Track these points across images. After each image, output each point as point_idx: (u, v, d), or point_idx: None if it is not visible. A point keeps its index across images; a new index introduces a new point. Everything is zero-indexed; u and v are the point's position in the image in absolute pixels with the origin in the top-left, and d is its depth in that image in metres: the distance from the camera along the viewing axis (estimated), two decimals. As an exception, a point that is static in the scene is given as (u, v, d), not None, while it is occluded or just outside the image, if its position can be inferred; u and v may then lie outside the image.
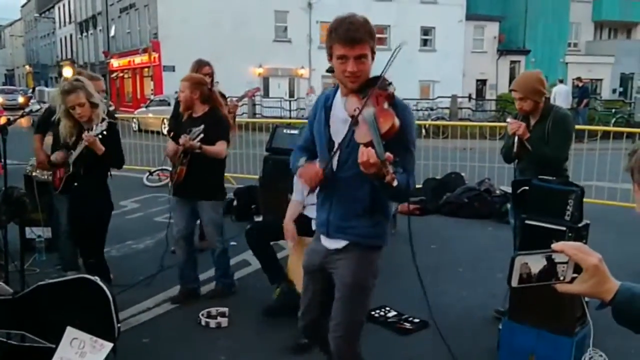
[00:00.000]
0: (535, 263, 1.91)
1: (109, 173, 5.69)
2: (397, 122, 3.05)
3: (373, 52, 3.26)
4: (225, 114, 6.24)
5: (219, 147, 5.88)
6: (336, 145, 3.33)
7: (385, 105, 3.16)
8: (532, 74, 5.36)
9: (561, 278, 1.92)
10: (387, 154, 2.88)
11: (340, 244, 3.48)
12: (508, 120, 5.44)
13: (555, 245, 1.89)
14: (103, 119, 5.28)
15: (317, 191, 3.53)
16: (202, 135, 5.69)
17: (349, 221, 3.42)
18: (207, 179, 5.91)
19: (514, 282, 1.93)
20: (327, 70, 6.87)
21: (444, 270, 7.29)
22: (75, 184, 5.46)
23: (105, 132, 5.16)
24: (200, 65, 7.30)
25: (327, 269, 3.57)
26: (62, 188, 5.62)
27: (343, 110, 3.31)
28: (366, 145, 2.95)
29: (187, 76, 6.11)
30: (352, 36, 3.14)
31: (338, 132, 3.36)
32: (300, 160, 3.53)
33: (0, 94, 48.38)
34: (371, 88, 3.19)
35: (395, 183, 2.87)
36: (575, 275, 1.92)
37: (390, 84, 3.26)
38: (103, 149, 5.18)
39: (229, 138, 6.09)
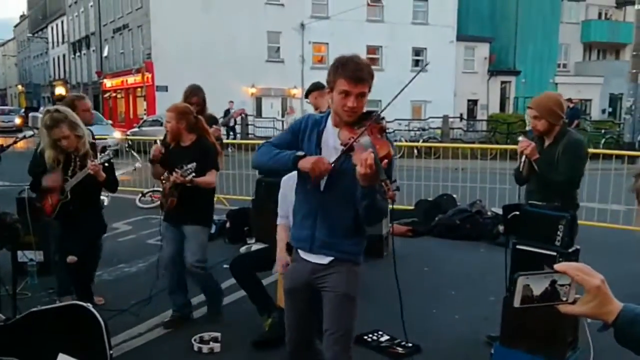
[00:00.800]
0: (538, 284, 1.90)
1: (106, 195, 5.76)
2: (392, 150, 3.24)
3: (369, 90, 3.48)
4: (213, 142, 6.24)
5: (210, 178, 5.93)
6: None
7: (379, 136, 3.32)
8: (553, 95, 5.31)
9: (563, 299, 1.93)
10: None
11: (324, 259, 3.66)
12: (519, 139, 5.35)
13: (557, 266, 1.90)
14: (104, 147, 5.33)
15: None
16: (194, 174, 5.64)
17: (335, 238, 3.61)
18: (197, 204, 5.91)
19: (517, 303, 1.92)
20: (306, 95, 6.95)
21: (436, 293, 7.30)
22: (71, 207, 5.48)
23: (107, 165, 5.28)
24: (190, 93, 7.36)
25: (315, 285, 3.72)
26: (56, 214, 5.61)
27: (335, 139, 3.46)
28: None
29: (172, 106, 6.08)
30: (358, 76, 3.38)
31: (329, 157, 3.48)
32: (286, 153, 3.58)
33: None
34: (366, 120, 3.38)
35: (394, 198, 3.07)
36: (578, 296, 1.93)
37: (382, 118, 3.43)
38: (104, 176, 5.27)
39: (218, 166, 6.15)
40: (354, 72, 3.38)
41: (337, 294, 3.64)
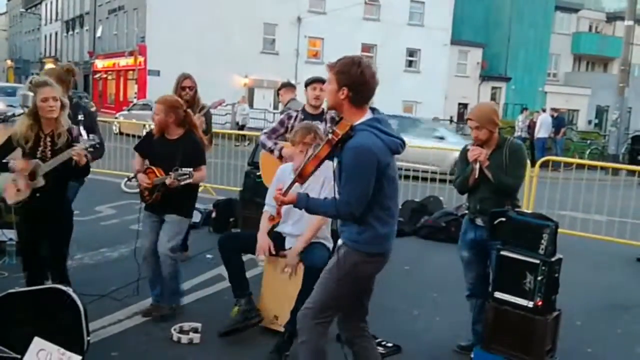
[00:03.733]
0: None
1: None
2: (308, 166, 3.84)
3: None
4: (200, 136, 6.15)
5: (201, 174, 5.90)
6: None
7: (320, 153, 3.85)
8: (487, 104, 5.66)
9: None
10: (285, 198, 3.95)
11: (340, 241, 4.10)
12: (468, 147, 5.42)
13: None
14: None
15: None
16: (190, 180, 5.56)
17: (342, 226, 4.05)
18: (180, 196, 5.80)
19: None
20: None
21: (418, 294, 7.29)
22: (37, 194, 5.11)
23: (92, 149, 5.05)
24: (183, 77, 7.34)
25: None
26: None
27: None
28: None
29: (162, 99, 5.94)
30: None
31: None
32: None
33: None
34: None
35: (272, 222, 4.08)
36: None
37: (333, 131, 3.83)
38: (85, 162, 5.01)
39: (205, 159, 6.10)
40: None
41: (326, 268, 4.12)
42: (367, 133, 3.77)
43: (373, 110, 3.95)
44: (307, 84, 6.88)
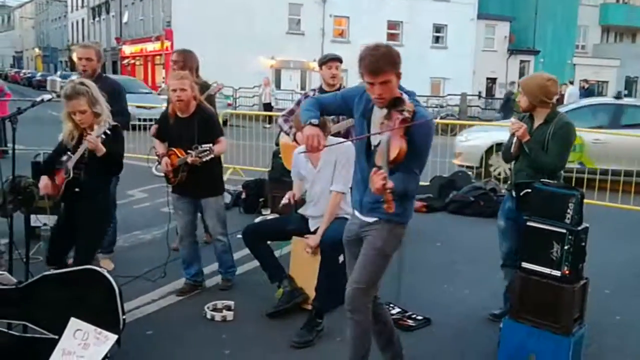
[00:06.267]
0: None
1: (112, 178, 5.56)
2: (404, 148, 3.56)
3: (398, 76, 3.78)
4: (210, 109, 6.11)
5: (221, 146, 5.91)
6: (374, 141, 3.93)
7: (400, 134, 3.62)
8: (540, 78, 5.30)
9: None
10: (390, 183, 3.43)
11: (371, 219, 4.04)
12: (511, 119, 5.52)
13: None
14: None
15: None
16: (212, 155, 5.62)
17: (378, 202, 3.83)
18: (207, 176, 5.88)
19: None
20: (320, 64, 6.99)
21: (447, 268, 7.32)
22: (77, 189, 5.05)
23: (109, 132, 4.85)
24: (190, 55, 7.29)
25: (362, 236, 4.11)
26: (62, 195, 5.17)
27: (381, 116, 3.82)
28: (378, 167, 3.53)
29: (181, 74, 5.88)
30: (373, 69, 3.69)
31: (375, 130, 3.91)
32: (311, 116, 3.94)
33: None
34: (397, 108, 3.68)
35: (391, 210, 3.48)
36: None
37: (403, 110, 3.65)
38: (104, 150, 4.83)
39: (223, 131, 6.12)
40: (370, 64, 3.70)
41: (373, 246, 4.02)
42: (417, 105, 3.85)
43: None
44: (322, 63, 6.79)
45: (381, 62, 3.69)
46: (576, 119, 12.16)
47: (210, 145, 5.63)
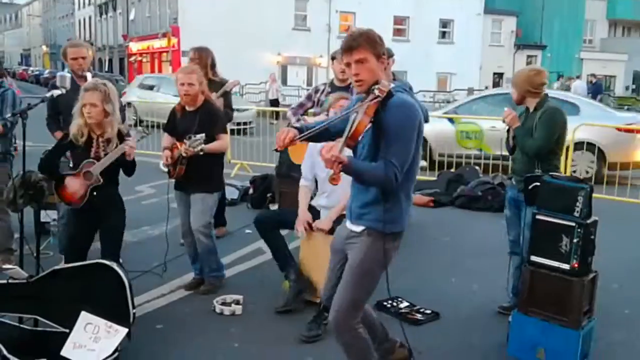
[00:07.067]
0: None
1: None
2: (363, 123, 3.40)
3: (378, 57, 3.63)
4: (217, 106, 6.14)
5: (221, 143, 5.86)
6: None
7: (369, 111, 3.45)
8: (523, 69, 5.65)
9: None
10: (341, 155, 3.25)
11: (358, 228, 3.80)
12: (505, 108, 5.67)
13: None
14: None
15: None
16: (203, 145, 5.53)
17: (365, 208, 3.73)
18: (202, 171, 5.82)
19: None
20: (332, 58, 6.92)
21: (456, 262, 7.32)
22: (95, 193, 5.18)
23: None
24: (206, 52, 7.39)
25: (345, 250, 3.91)
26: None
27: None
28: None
29: (189, 68, 5.93)
30: (349, 44, 3.60)
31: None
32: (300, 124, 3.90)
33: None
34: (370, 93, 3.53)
35: (334, 183, 3.30)
36: None
37: (374, 89, 3.50)
38: (133, 156, 5.12)
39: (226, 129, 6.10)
40: (345, 42, 3.63)
41: (350, 266, 3.80)
42: (405, 94, 3.65)
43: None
44: (334, 58, 6.82)
45: (358, 39, 3.58)
46: (477, 110, 12.26)
47: (202, 135, 5.54)
